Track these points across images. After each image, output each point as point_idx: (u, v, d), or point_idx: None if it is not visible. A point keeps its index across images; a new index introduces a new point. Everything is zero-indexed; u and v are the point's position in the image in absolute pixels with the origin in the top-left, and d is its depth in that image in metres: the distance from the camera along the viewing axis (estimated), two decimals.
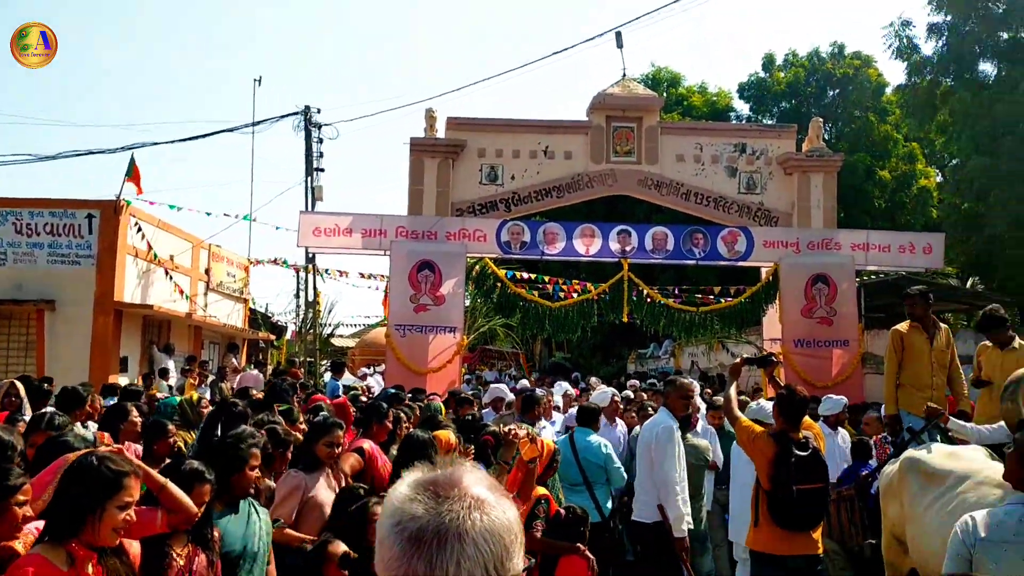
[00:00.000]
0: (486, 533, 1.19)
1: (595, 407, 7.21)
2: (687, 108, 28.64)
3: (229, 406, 5.53)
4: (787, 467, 4.96)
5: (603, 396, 8.51)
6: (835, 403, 7.97)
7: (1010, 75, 18.28)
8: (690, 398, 6.08)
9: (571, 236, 14.38)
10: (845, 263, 14.68)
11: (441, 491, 1.23)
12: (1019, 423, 4.91)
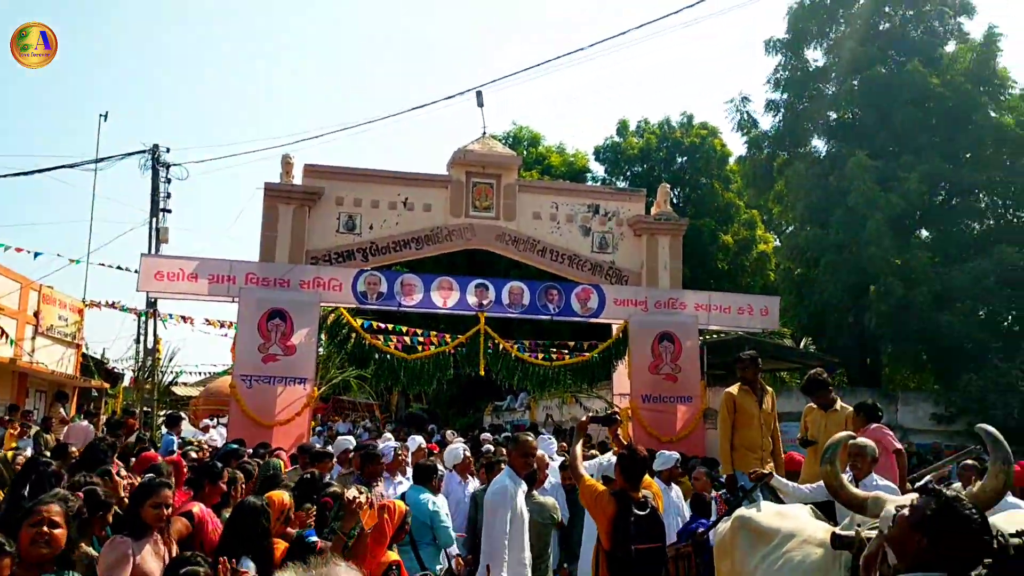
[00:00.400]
0: None
1: (431, 465, 7.07)
2: (546, 167, 29.42)
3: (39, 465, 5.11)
4: (626, 526, 5.05)
5: (455, 453, 8.45)
6: (667, 459, 8.10)
7: (839, 152, 19.84)
8: (531, 455, 6.01)
9: (429, 288, 14.38)
10: (689, 322, 15.34)
11: None
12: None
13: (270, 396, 12.94)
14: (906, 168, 18.42)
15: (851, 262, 18.31)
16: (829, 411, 7.57)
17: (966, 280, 17.44)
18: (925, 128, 19.30)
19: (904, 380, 24.02)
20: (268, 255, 14.06)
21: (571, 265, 15.69)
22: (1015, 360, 16.90)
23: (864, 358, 20.89)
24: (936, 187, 19.60)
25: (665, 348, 15.09)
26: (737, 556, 5.39)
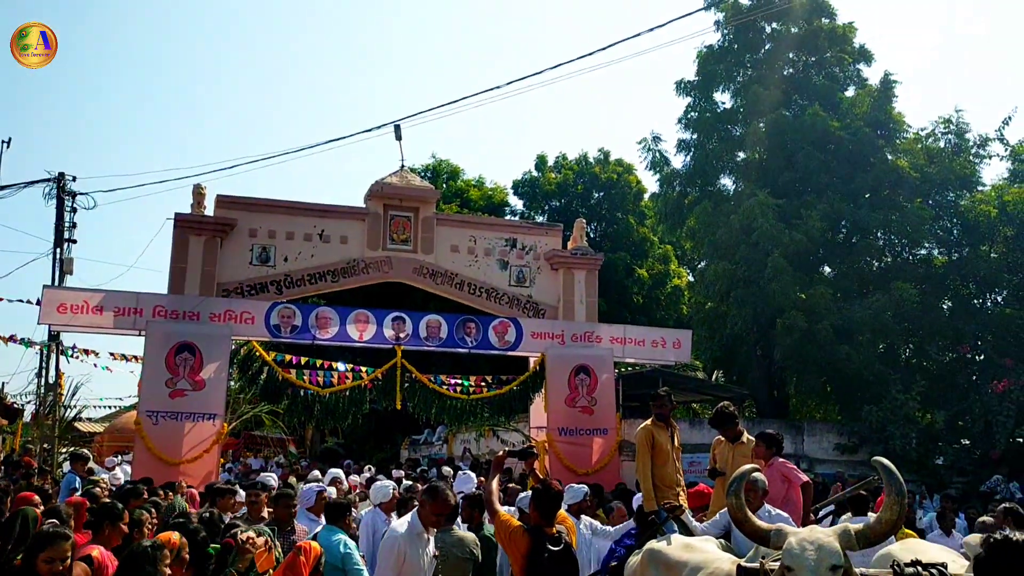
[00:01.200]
0: None
1: (344, 503, 6.91)
2: (465, 200, 29.57)
3: None
4: (540, 561, 5.07)
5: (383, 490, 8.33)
6: (576, 492, 8.14)
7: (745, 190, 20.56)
8: (444, 515, 5.65)
9: (345, 321, 14.23)
10: (605, 355, 15.56)
11: None
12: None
13: (177, 432, 12.55)
14: (808, 207, 19.21)
15: (758, 296, 18.92)
16: (736, 443, 7.78)
17: (865, 315, 18.20)
18: (826, 169, 20.18)
19: (810, 411, 24.82)
20: (177, 287, 13.68)
21: (489, 298, 15.77)
22: (911, 392, 17.67)
23: (772, 390, 21.52)
24: (837, 225, 20.45)
25: (581, 381, 15.26)
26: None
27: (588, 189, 30.52)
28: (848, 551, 4.13)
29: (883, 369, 18.43)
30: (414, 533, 5.41)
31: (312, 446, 30.75)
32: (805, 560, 3.99)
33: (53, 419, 16.76)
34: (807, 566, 3.98)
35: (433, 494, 5.52)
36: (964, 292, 20.40)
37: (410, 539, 5.40)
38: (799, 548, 4.05)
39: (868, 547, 4.42)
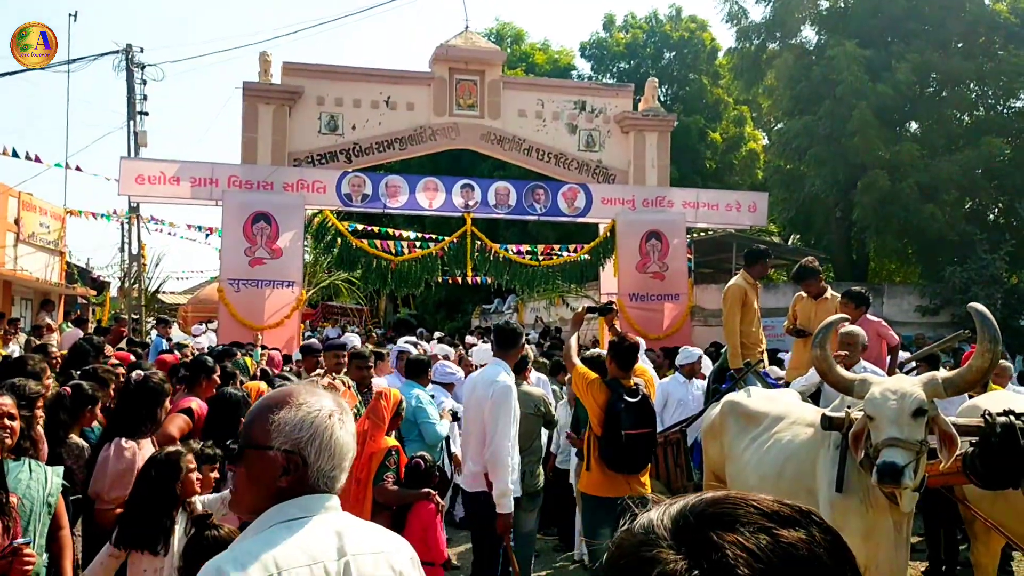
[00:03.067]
0: None
1: (424, 359, 7.05)
2: (530, 65, 28.79)
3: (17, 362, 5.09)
4: (617, 413, 5.11)
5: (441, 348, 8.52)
6: (690, 354, 8.27)
7: (829, 41, 19.44)
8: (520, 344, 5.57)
9: (414, 189, 14.20)
10: (677, 220, 15.27)
11: None
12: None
13: (259, 299, 12.94)
14: (896, 57, 18.08)
15: (838, 154, 18.15)
16: (819, 300, 7.58)
17: (953, 172, 17.36)
18: (916, 15, 18.87)
19: (890, 274, 24.21)
20: (250, 157, 13.81)
21: (558, 164, 15.50)
22: (999, 252, 17.00)
23: (851, 252, 20.99)
24: (926, 77, 19.29)
25: (652, 247, 15.06)
26: (726, 439, 5.49)
27: (659, 49, 29.34)
28: (936, 399, 4.03)
29: (969, 229, 17.71)
30: (511, 378, 5.27)
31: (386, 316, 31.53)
32: (887, 409, 3.92)
33: (138, 290, 17.42)
34: (888, 415, 3.90)
35: (497, 330, 5.58)
36: None
37: (513, 384, 5.25)
38: (881, 397, 3.97)
39: (957, 395, 4.31)
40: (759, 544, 0.76)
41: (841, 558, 0.79)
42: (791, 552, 0.76)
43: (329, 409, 1.76)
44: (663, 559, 0.77)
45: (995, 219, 20.00)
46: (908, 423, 3.86)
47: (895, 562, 4.21)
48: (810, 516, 0.81)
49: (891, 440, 3.81)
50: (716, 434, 5.62)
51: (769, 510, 0.80)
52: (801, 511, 0.81)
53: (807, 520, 0.81)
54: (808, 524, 0.80)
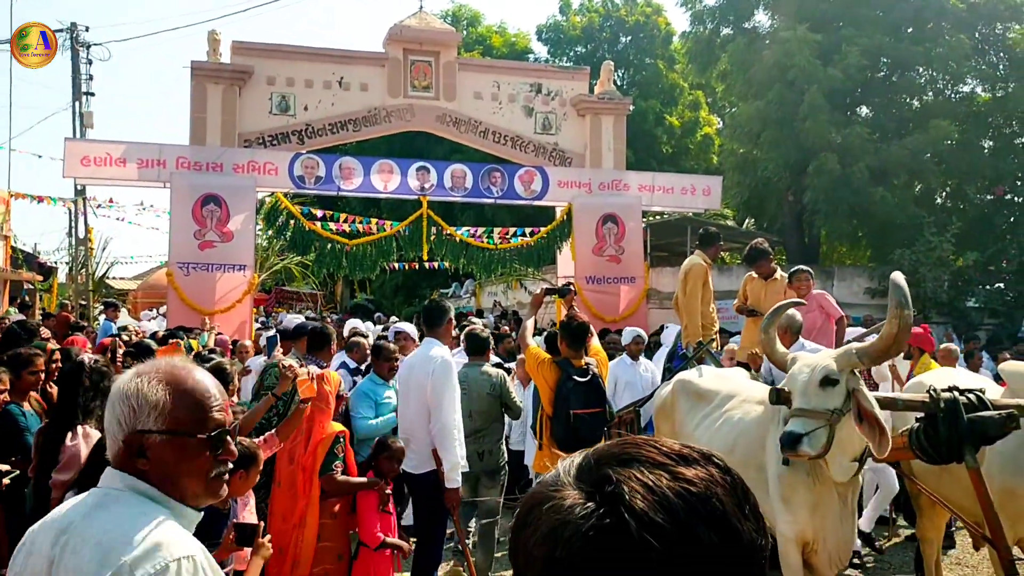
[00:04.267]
0: (119, 397, 1.69)
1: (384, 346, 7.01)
2: (487, 48, 28.63)
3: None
4: (567, 392, 5.11)
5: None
6: (635, 334, 8.38)
7: (781, 25, 19.60)
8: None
9: (369, 171, 14.04)
10: (633, 203, 15.32)
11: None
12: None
13: (209, 283, 12.71)
14: (847, 42, 18.29)
15: (790, 138, 18.34)
16: (769, 280, 7.68)
17: (902, 156, 17.65)
18: (866, 1, 19.11)
19: (841, 256, 24.61)
20: (199, 138, 13.52)
21: (514, 147, 15.43)
22: (946, 234, 17.34)
23: (802, 235, 21.26)
24: (876, 62, 19.55)
25: (609, 230, 15.10)
26: (678, 417, 5.52)
27: (615, 33, 29.36)
28: (853, 368, 4.05)
29: (917, 212, 18.04)
30: (449, 355, 5.26)
31: (342, 301, 31.28)
32: (797, 381, 4.04)
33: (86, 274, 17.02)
34: (797, 387, 4.03)
35: (426, 309, 5.70)
36: (1006, 131, 19.65)
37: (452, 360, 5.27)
38: (797, 371, 4.11)
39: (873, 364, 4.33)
40: (655, 479, 0.76)
41: (739, 498, 0.78)
42: (687, 487, 0.76)
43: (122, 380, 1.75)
44: (562, 496, 0.77)
45: (943, 202, 20.40)
46: (815, 393, 3.95)
47: (841, 532, 4.29)
48: (711, 458, 0.81)
49: (797, 411, 3.95)
50: (668, 413, 5.65)
51: (670, 451, 0.80)
52: (703, 454, 0.81)
53: (707, 461, 0.80)
54: (707, 464, 0.79)
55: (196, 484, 1.71)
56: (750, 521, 0.77)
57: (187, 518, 1.69)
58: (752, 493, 0.80)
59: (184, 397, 1.70)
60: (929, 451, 4.18)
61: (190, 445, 1.69)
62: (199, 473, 1.70)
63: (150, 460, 1.66)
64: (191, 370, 1.76)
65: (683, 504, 0.74)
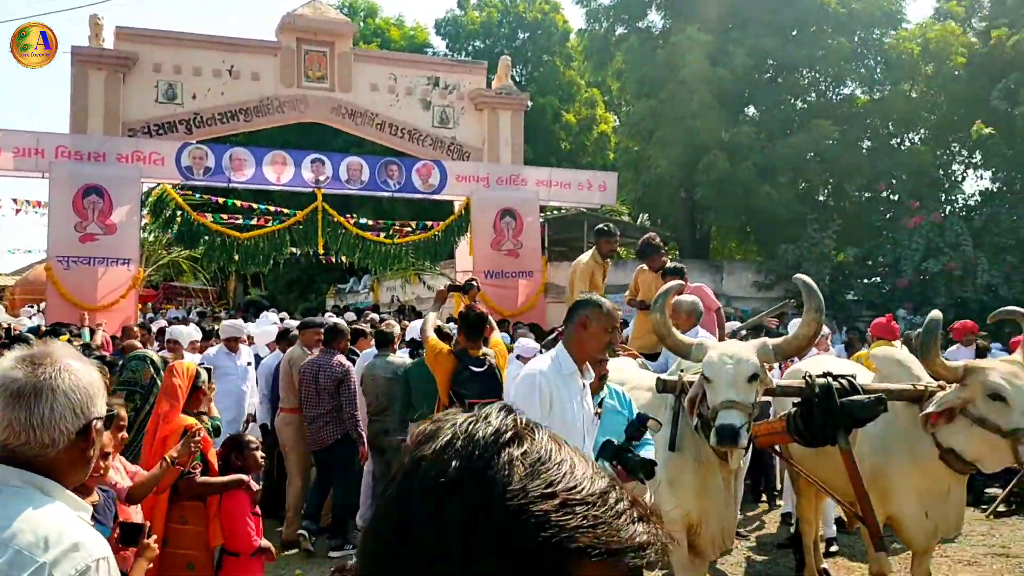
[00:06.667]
0: (72, 387, 1.66)
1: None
2: (385, 41, 28.32)
3: None
4: (463, 382, 5.13)
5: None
6: (526, 349, 8.46)
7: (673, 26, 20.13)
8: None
9: (261, 163, 13.68)
10: (530, 198, 15.45)
11: (36, 360, 1.68)
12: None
13: (91, 278, 12.14)
14: (735, 44, 18.93)
15: (682, 136, 18.87)
16: (659, 274, 7.86)
17: (787, 154, 18.39)
18: (754, 3, 19.81)
19: (731, 251, 25.46)
20: (80, 127, 12.91)
21: (411, 140, 15.35)
22: (828, 230, 18.18)
23: (694, 231, 21.90)
24: (763, 63, 20.30)
25: (507, 224, 15.18)
26: None
27: (513, 29, 29.51)
28: (766, 363, 4.26)
29: (801, 209, 18.84)
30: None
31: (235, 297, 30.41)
32: (724, 372, 4.10)
33: None
34: (725, 378, 4.09)
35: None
36: (883, 131, 20.73)
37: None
38: (719, 361, 4.15)
39: (784, 359, 4.56)
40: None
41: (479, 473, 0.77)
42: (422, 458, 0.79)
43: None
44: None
45: (825, 200, 21.34)
46: (743, 386, 4.06)
47: (724, 515, 4.45)
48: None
49: (728, 402, 4.00)
50: None
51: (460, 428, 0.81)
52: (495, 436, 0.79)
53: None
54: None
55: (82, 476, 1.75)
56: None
57: (87, 513, 1.71)
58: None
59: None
60: (805, 434, 4.37)
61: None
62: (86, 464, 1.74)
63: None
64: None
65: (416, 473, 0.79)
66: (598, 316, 3.63)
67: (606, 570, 0.72)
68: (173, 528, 4.17)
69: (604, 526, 0.73)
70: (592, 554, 0.71)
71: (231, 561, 4.26)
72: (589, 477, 0.77)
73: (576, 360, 3.61)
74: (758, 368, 4.16)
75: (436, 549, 0.73)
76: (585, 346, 3.64)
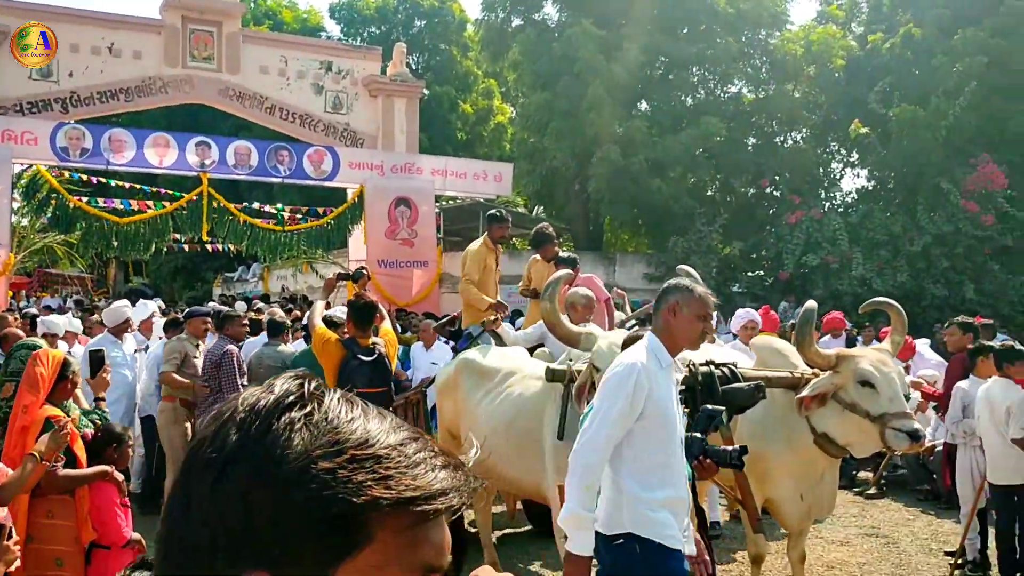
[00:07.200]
0: None
1: None
2: (277, 23, 27.61)
3: None
4: (350, 371, 5.05)
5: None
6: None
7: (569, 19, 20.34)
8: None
9: (143, 145, 13.05)
10: (426, 187, 15.31)
11: None
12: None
13: None
14: (628, 39, 19.26)
15: (576, 130, 19.10)
16: (552, 263, 7.93)
17: (677, 150, 18.84)
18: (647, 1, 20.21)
19: (624, 243, 25.96)
20: None
21: (303, 125, 15.01)
22: (715, 224, 18.75)
23: (588, 223, 22.22)
24: (655, 59, 20.73)
25: (402, 213, 15.00)
26: (460, 395, 5.59)
27: (410, 16, 29.23)
28: None
29: (691, 203, 19.34)
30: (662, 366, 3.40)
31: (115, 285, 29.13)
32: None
33: None
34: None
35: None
36: (767, 129, 21.49)
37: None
38: (608, 351, 4.21)
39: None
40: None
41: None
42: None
43: None
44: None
45: (713, 194, 21.99)
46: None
47: None
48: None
49: None
50: (450, 391, 5.70)
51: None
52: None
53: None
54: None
55: None
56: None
57: None
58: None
59: None
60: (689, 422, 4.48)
61: None
62: None
63: None
64: None
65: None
66: (689, 302, 3.37)
67: (405, 518, 0.75)
68: (39, 523, 3.97)
69: (397, 476, 0.75)
70: (382, 504, 0.73)
71: (101, 554, 4.09)
72: (385, 431, 0.78)
73: (670, 352, 3.37)
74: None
75: (220, 523, 0.73)
76: (676, 336, 3.39)
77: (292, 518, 0.72)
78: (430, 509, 0.75)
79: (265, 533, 0.72)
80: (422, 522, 0.76)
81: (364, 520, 0.73)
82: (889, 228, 18.03)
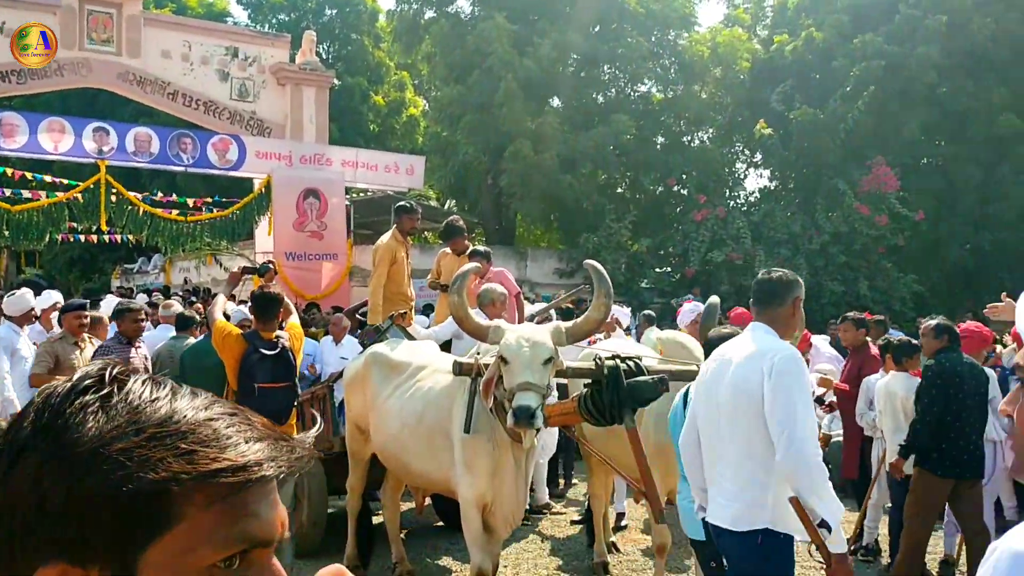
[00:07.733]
0: None
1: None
2: (181, 7, 26.67)
3: None
4: (251, 365, 4.93)
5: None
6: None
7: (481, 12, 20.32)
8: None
9: (36, 129, 12.45)
10: (336, 179, 15.08)
11: None
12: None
13: None
14: (540, 35, 19.36)
15: (488, 124, 19.09)
16: (462, 256, 7.91)
17: (588, 146, 19.04)
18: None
19: (536, 239, 26.11)
20: None
21: (207, 112, 14.58)
22: (625, 220, 19.04)
23: (500, 218, 22.27)
24: (566, 56, 20.88)
25: (310, 205, 14.72)
26: (369, 389, 5.52)
27: (321, 4, 28.67)
28: (559, 346, 4.39)
29: (601, 199, 19.58)
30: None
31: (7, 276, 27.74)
32: (521, 354, 4.19)
33: None
34: (522, 360, 4.18)
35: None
36: (675, 129, 21.92)
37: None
38: (516, 343, 4.23)
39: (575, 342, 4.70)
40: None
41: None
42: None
43: None
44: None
45: (623, 192, 22.31)
46: (539, 369, 4.17)
47: (516, 494, 4.55)
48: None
49: (525, 384, 4.08)
50: (359, 385, 5.63)
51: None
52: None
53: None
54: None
55: None
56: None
57: None
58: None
59: None
60: (595, 414, 4.54)
61: None
62: None
63: None
64: None
65: None
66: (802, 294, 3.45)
67: (214, 491, 0.73)
68: None
69: (201, 451, 0.73)
70: (184, 479, 0.72)
71: None
72: (194, 408, 0.77)
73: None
74: (552, 351, 4.27)
75: (12, 515, 0.72)
76: (795, 327, 3.36)
77: (85, 503, 0.71)
78: (238, 480, 0.74)
79: (59, 521, 0.71)
80: (234, 494, 0.74)
81: (167, 499, 0.72)
82: (789, 227, 18.64)
